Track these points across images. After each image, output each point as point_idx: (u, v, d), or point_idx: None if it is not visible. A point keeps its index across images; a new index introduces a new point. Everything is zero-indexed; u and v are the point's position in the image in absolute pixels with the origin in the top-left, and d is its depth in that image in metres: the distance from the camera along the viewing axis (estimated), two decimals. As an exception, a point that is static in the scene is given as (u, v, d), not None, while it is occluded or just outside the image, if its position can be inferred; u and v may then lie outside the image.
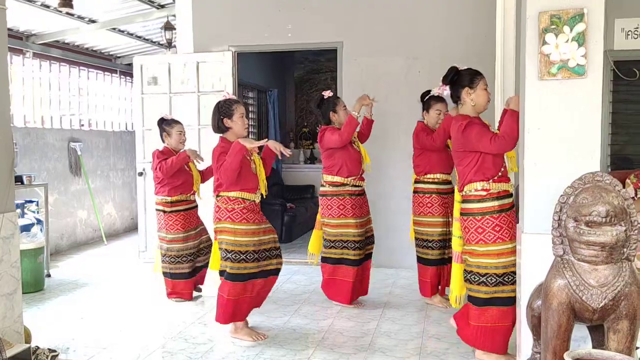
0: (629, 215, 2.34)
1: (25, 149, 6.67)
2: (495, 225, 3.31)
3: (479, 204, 3.34)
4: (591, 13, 2.81)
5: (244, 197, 3.86)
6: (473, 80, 3.44)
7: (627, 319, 2.36)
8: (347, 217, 4.59)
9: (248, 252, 3.85)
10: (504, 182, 3.38)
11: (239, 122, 3.92)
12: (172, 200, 4.84)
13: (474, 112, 3.46)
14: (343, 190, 4.60)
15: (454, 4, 5.83)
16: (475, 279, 3.38)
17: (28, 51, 7.34)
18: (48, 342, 3.86)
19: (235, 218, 3.84)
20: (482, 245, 3.33)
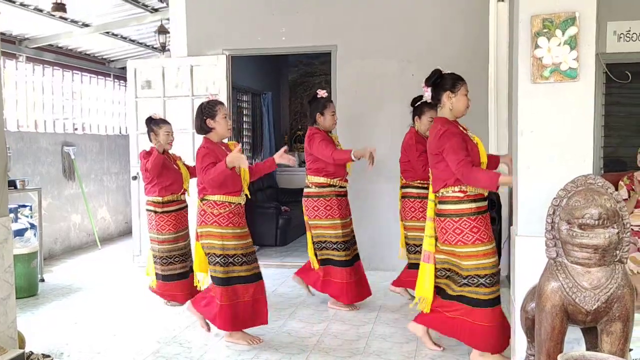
0: (621, 218, 2.35)
1: (18, 154, 6.64)
2: (473, 227, 3.37)
3: (456, 205, 3.40)
4: (583, 16, 2.82)
5: (230, 200, 3.86)
6: (455, 84, 3.50)
7: (620, 320, 2.37)
8: (334, 218, 4.61)
9: (236, 256, 3.86)
10: None
11: (222, 122, 3.93)
12: (163, 200, 4.85)
13: (451, 116, 3.52)
14: (329, 191, 4.63)
15: (447, 7, 5.86)
16: (442, 274, 3.49)
17: (21, 55, 7.32)
18: (42, 347, 3.84)
19: (222, 222, 3.84)
20: (461, 247, 3.40)
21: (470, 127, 5.72)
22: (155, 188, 4.85)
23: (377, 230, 5.80)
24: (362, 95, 6.08)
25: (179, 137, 6.26)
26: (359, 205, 5.96)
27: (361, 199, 5.94)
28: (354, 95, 6.09)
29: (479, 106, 5.75)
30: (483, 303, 3.40)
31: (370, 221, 5.99)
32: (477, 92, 5.75)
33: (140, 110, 6.45)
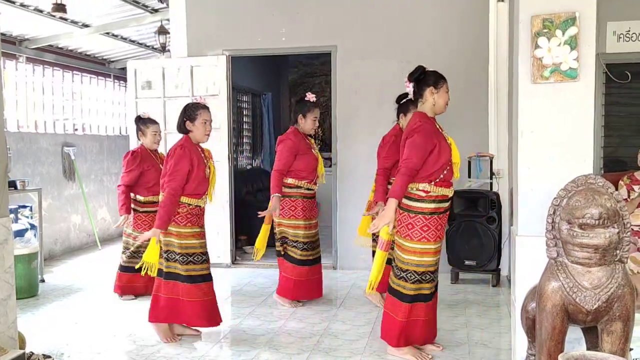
0: (622, 218, 2.36)
1: (18, 154, 6.64)
2: (424, 225, 3.46)
3: (417, 203, 3.48)
4: (583, 17, 2.83)
5: (189, 202, 3.90)
6: (438, 81, 3.56)
7: (620, 320, 2.38)
8: (298, 219, 4.68)
9: (196, 255, 3.93)
10: (445, 187, 3.50)
11: (200, 127, 3.93)
12: (144, 200, 4.94)
13: (432, 112, 3.58)
14: (295, 192, 4.68)
15: (447, 8, 5.86)
16: (397, 274, 3.55)
17: (21, 56, 7.32)
18: (42, 347, 3.84)
19: (180, 221, 3.88)
20: (408, 241, 3.49)
21: (471, 127, 5.77)
22: (138, 188, 4.97)
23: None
24: (362, 95, 6.08)
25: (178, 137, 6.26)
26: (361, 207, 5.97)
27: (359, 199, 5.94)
28: (353, 95, 6.10)
29: (479, 106, 5.77)
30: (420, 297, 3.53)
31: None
32: (477, 93, 5.78)
33: (140, 111, 6.42)
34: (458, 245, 5.37)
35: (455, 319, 4.42)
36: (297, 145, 4.65)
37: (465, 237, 5.33)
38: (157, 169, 4.95)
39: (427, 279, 3.52)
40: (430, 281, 3.54)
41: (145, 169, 4.94)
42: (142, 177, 4.92)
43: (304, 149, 4.68)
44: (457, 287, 5.38)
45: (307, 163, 4.67)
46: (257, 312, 4.70)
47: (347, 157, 6.15)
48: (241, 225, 6.67)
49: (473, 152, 5.70)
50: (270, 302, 4.93)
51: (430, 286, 3.56)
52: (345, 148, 6.15)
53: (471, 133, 5.78)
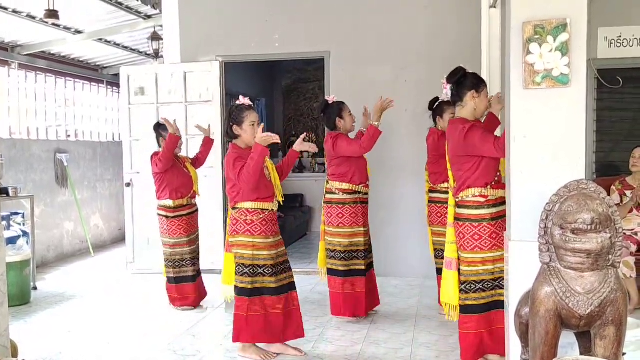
0: (614, 223, 2.37)
1: (11, 161, 6.61)
2: (492, 233, 3.30)
3: (476, 210, 3.32)
4: (574, 23, 2.84)
5: (262, 207, 3.68)
6: (479, 85, 3.44)
7: (613, 325, 2.38)
8: (359, 226, 4.50)
9: (266, 267, 3.69)
10: (501, 189, 3.34)
11: (249, 130, 3.68)
12: (174, 205, 4.88)
13: (472, 116, 3.45)
14: (355, 198, 4.49)
15: (439, 14, 5.89)
16: (471, 288, 3.35)
17: (14, 62, 7.30)
18: (35, 356, 3.82)
19: (254, 231, 3.66)
20: (479, 253, 3.32)
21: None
22: (166, 191, 4.88)
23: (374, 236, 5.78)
24: (356, 101, 6.04)
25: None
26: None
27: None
28: (347, 101, 6.03)
29: (472, 112, 5.79)
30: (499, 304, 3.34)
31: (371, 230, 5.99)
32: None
33: (134, 117, 6.45)
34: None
35: (450, 324, 4.37)
36: None
37: (459, 242, 5.32)
38: (182, 172, 4.94)
39: (503, 284, 3.29)
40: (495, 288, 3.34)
41: (171, 172, 4.87)
42: (169, 180, 4.84)
43: None
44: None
45: (360, 165, 4.50)
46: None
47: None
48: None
49: (466, 157, 5.71)
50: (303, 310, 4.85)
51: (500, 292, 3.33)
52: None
53: (464, 138, 5.80)
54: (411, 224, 5.93)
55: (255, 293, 3.68)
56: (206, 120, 6.20)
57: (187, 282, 4.95)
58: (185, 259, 4.94)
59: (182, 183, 4.90)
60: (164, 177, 4.86)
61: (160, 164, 4.76)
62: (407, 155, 5.98)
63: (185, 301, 4.96)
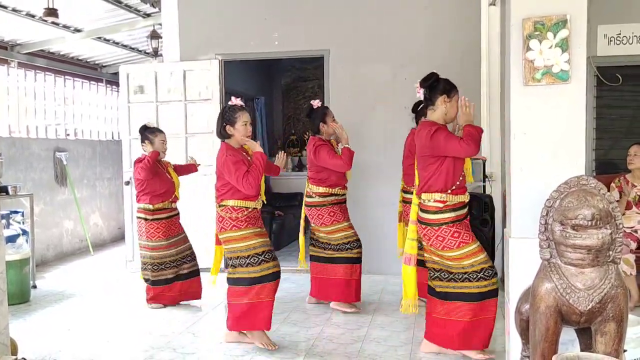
0: (614, 218, 2.37)
1: (10, 159, 6.60)
2: (454, 232, 3.44)
3: (436, 215, 3.47)
4: (574, 19, 2.85)
5: (246, 205, 3.82)
6: (451, 90, 3.57)
7: (614, 321, 2.38)
8: (340, 222, 4.70)
9: (265, 252, 3.82)
10: (461, 194, 3.50)
11: (241, 130, 3.83)
12: (154, 208, 4.89)
13: (443, 120, 3.58)
14: (332, 200, 4.71)
15: (439, 12, 5.88)
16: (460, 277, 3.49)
17: (13, 61, 7.28)
18: (35, 354, 3.81)
19: (241, 225, 3.80)
20: (448, 251, 3.46)
21: (463, 130, 5.77)
22: (147, 196, 4.89)
23: (373, 235, 5.78)
24: (355, 99, 6.09)
25: (172, 142, 6.26)
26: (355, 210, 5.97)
27: (359, 204, 5.96)
28: (346, 99, 6.10)
29: (471, 109, 5.79)
30: (489, 294, 3.48)
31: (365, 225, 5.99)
32: (470, 96, 5.71)
33: (133, 116, 6.44)
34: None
35: (450, 321, 4.41)
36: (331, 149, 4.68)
37: (458, 240, 5.33)
38: (164, 176, 4.95)
39: (489, 275, 3.46)
40: (493, 276, 3.48)
41: (154, 177, 4.88)
42: (151, 185, 4.86)
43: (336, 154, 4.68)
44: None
45: (337, 172, 4.67)
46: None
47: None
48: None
49: (466, 155, 5.71)
50: (302, 307, 4.90)
51: (495, 281, 3.50)
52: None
53: (464, 136, 5.80)
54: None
55: (256, 281, 3.79)
56: (206, 118, 6.22)
57: (163, 285, 4.96)
58: (164, 262, 4.93)
59: (165, 189, 4.92)
60: (147, 182, 4.88)
61: (143, 172, 4.79)
62: (406, 153, 5.97)
63: (158, 301, 4.97)
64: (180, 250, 5.03)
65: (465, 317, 3.50)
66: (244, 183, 3.69)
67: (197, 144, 6.28)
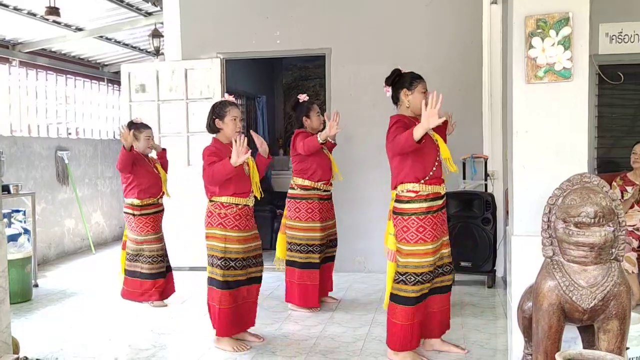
0: (617, 216, 2.36)
1: (11, 158, 6.60)
2: (419, 227, 3.41)
3: (408, 204, 3.44)
4: (576, 17, 2.84)
5: (236, 202, 3.82)
6: (412, 82, 3.56)
7: (616, 318, 2.38)
8: (315, 221, 4.66)
9: (237, 260, 3.83)
10: (436, 185, 3.46)
11: (230, 124, 3.86)
12: (141, 203, 4.93)
13: (409, 113, 3.58)
14: (312, 194, 4.67)
15: (440, 10, 5.88)
16: (397, 279, 3.48)
17: (14, 60, 7.29)
18: (36, 352, 3.81)
19: (227, 224, 3.79)
20: (404, 244, 3.45)
21: (465, 128, 5.78)
22: (134, 190, 4.93)
23: (377, 233, 5.78)
24: (357, 98, 6.08)
25: (173, 141, 6.28)
26: (356, 209, 5.97)
27: (359, 203, 5.96)
28: (348, 98, 6.10)
29: (473, 108, 5.80)
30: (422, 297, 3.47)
31: (367, 224, 5.99)
32: (471, 94, 5.80)
33: (135, 114, 6.42)
34: (453, 246, 5.35)
35: (451, 320, 4.40)
36: None
37: (460, 238, 5.34)
38: (151, 172, 4.99)
39: (426, 279, 3.45)
40: (429, 281, 3.48)
41: (139, 171, 4.92)
42: (138, 181, 4.90)
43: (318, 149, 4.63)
44: (452, 289, 5.35)
45: (321, 163, 4.64)
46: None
47: (342, 159, 6.14)
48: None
49: (467, 153, 5.72)
50: (265, 305, 4.91)
51: (430, 286, 3.49)
52: (340, 150, 6.14)
53: (465, 135, 5.79)
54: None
55: (225, 286, 3.79)
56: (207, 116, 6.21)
57: (138, 278, 4.99)
58: (153, 255, 4.98)
59: (151, 184, 4.96)
60: (133, 177, 4.91)
61: (119, 164, 4.84)
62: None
63: (131, 295, 5.01)
64: (161, 247, 5.08)
65: (402, 320, 3.47)
66: (205, 174, 3.72)
67: (199, 143, 6.27)
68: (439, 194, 3.48)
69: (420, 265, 3.42)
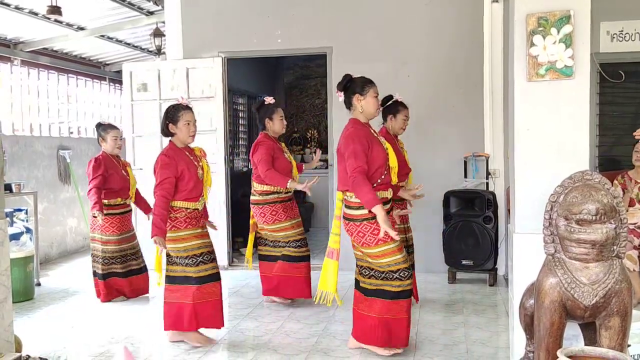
0: (619, 213, 2.37)
1: (13, 157, 6.61)
2: (374, 229, 3.44)
3: (358, 210, 3.47)
4: (577, 15, 2.85)
5: (186, 206, 3.85)
6: (364, 87, 3.59)
7: (618, 315, 2.38)
8: (282, 221, 4.72)
9: (204, 254, 3.88)
10: (383, 190, 3.53)
11: (183, 129, 3.87)
12: (107, 203, 5.01)
13: (363, 117, 3.61)
14: (275, 198, 4.72)
15: (441, 9, 5.87)
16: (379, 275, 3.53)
17: (16, 59, 7.30)
18: (39, 351, 3.82)
19: (180, 226, 3.84)
20: (367, 248, 3.50)
21: (466, 127, 5.79)
22: (102, 192, 5.00)
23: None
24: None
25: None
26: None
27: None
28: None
29: (474, 107, 5.80)
30: (402, 294, 3.51)
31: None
32: (472, 93, 5.80)
33: (136, 113, 6.45)
34: (455, 245, 5.39)
35: (453, 318, 4.43)
36: (273, 148, 4.70)
37: (462, 236, 5.35)
38: (119, 174, 5.08)
39: (405, 275, 3.49)
40: (408, 277, 3.51)
41: (108, 174, 5.02)
42: (107, 182, 5.01)
43: (278, 152, 4.72)
44: (454, 287, 5.39)
45: (281, 168, 4.68)
46: (255, 312, 4.70)
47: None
48: (237, 228, 6.66)
49: (469, 152, 5.73)
50: (267, 303, 4.93)
51: (409, 282, 3.53)
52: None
53: (467, 133, 5.81)
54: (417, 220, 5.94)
55: (184, 281, 3.84)
56: (209, 116, 6.23)
57: (117, 277, 5.08)
58: (115, 256, 5.05)
59: (121, 187, 5.06)
60: (106, 179, 4.99)
61: (89, 192, 4.95)
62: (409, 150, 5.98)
63: (111, 296, 5.08)
64: (130, 246, 5.14)
65: (378, 313, 3.53)
66: (155, 193, 3.74)
67: (201, 142, 6.25)
68: (387, 198, 3.56)
69: (392, 264, 3.49)
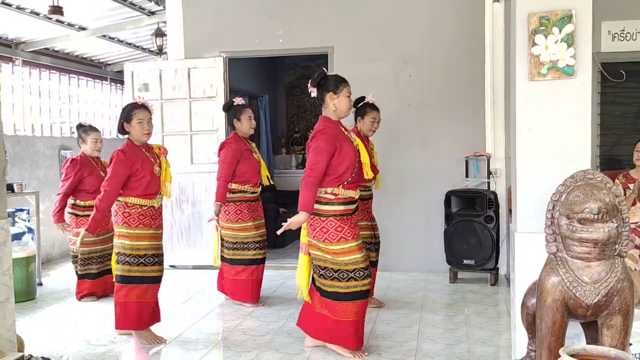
0: (620, 212, 2.37)
1: (15, 157, 6.62)
2: (338, 227, 3.49)
3: (327, 206, 3.51)
4: (579, 14, 2.85)
5: (141, 203, 3.88)
6: (338, 86, 3.59)
7: (620, 314, 2.39)
8: (245, 221, 4.76)
9: (147, 256, 3.91)
10: (351, 190, 3.56)
11: (137, 127, 3.89)
12: (84, 204, 5.06)
13: (335, 116, 3.62)
14: (240, 197, 4.76)
15: (443, 9, 5.88)
16: (329, 275, 3.54)
17: (17, 59, 7.31)
18: (41, 350, 3.82)
19: (132, 223, 3.87)
20: (328, 244, 3.51)
21: (467, 126, 5.79)
22: (80, 193, 5.08)
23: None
24: (359, 96, 6.07)
25: (176, 139, 6.28)
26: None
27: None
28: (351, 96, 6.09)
29: (475, 106, 5.80)
30: (358, 295, 3.51)
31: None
32: (474, 92, 5.80)
33: (138, 113, 6.44)
34: (456, 244, 5.39)
35: (455, 317, 4.43)
36: (240, 149, 4.72)
37: (463, 236, 5.35)
38: (97, 175, 5.10)
39: (360, 275, 3.50)
40: (364, 278, 3.52)
41: (85, 175, 5.07)
42: (82, 183, 5.05)
43: (246, 153, 4.75)
44: (455, 286, 5.39)
45: (249, 167, 4.73)
46: (257, 312, 4.70)
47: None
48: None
49: (470, 151, 5.73)
50: (268, 302, 4.94)
51: (367, 282, 3.53)
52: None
53: (468, 133, 5.81)
54: (418, 220, 5.96)
55: (134, 281, 3.91)
56: (210, 116, 6.24)
57: (89, 279, 5.13)
58: (91, 257, 5.10)
59: (96, 189, 4.95)
60: (81, 180, 5.06)
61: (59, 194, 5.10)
62: (411, 150, 5.99)
63: (83, 293, 5.14)
64: (108, 247, 5.13)
65: (333, 314, 3.54)
66: (103, 188, 3.83)
67: (202, 142, 6.30)
68: (352, 198, 3.58)
69: (350, 263, 3.49)
